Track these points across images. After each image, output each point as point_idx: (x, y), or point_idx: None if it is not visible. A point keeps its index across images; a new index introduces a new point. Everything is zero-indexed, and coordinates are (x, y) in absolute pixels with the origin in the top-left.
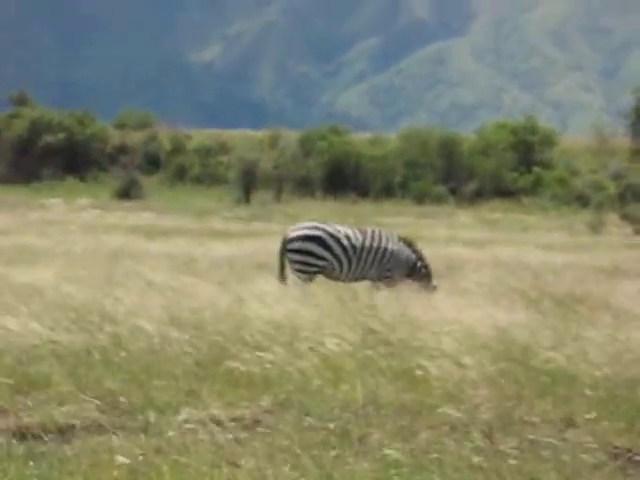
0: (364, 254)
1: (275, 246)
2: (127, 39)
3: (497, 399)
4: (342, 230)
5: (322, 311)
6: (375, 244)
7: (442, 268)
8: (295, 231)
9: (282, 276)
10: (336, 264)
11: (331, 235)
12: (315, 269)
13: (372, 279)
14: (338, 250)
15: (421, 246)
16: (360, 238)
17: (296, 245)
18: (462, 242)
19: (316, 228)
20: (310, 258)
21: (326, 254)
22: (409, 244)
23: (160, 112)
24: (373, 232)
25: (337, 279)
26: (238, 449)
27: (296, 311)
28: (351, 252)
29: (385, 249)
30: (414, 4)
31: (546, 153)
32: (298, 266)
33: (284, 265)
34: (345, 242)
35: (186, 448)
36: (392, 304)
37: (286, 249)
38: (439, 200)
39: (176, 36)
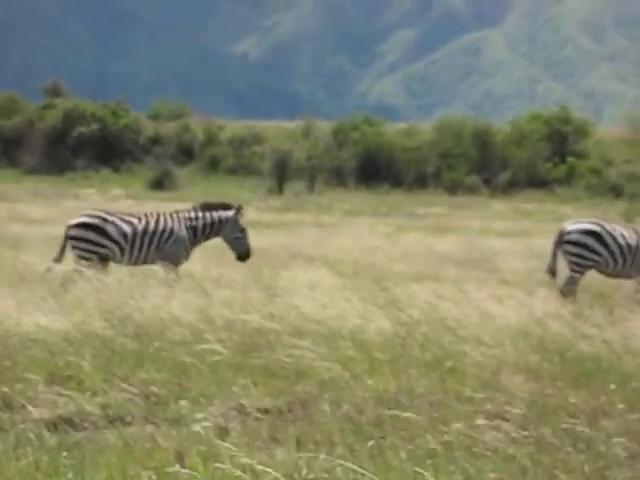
0: (639, 253)
1: (309, 236)
2: (162, 31)
3: (532, 389)
4: (618, 229)
5: (354, 303)
6: None
7: (476, 258)
8: (575, 224)
9: (552, 268)
10: (610, 261)
11: (609, 233)
12: (590, 263)
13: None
14: (614, 247)
15: (454, 236)
16: (634, 237)
17: (574, 237)
18: (496, 233)
19: (596, 224)
20: (586, 252)
21: (602, 250)
22: None
23: (194, 103)
24: None
25: (609, 275)
26: (272, 439)
27: (328, 302)
28: (626, 250)
29: None
30: None
31: (580, 143)
32: (574, 259)
33: (556, 257)
34: (621, 241)
35: (219, 438)
36: (426, 294)
37: (563, 241)
38: (472, 191)
39: (211, 28)
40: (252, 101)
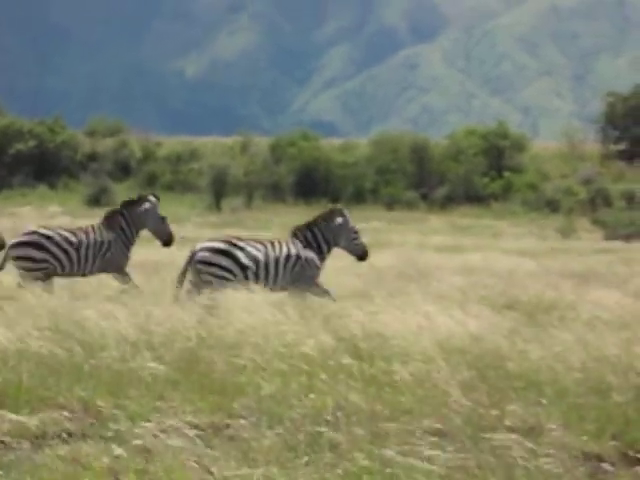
0: None
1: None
2: (97, 48)
3: (467, 406)
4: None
5: (292, 319)
6: None
7: (413, 274)
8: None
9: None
10: None
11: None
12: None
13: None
14: None
15: (391, 252)
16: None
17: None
18: (433, 248)
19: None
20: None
21: None
22: None
23: (130, 120)
24: None
25: None
26: (209, 455)
27: (266, 319)
28: None
29: None
30: (384, 11)
31: (516, 158)
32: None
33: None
34: None
35: (157, 455)
36: (362, 311)
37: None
38: (410, 206)
39: (146, 45)
40: (188, 117)
